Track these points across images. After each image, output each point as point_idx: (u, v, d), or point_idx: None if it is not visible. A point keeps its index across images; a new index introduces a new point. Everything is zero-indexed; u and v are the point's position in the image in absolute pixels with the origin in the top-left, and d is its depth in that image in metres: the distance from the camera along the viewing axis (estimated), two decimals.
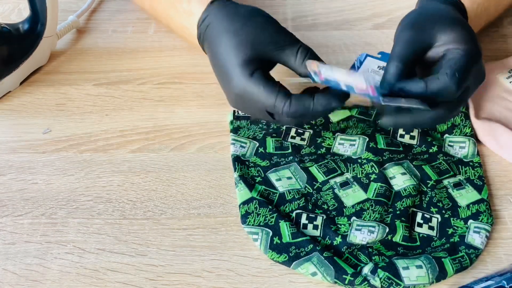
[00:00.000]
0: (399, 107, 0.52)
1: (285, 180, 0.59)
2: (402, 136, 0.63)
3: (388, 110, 0.54)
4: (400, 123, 0.55)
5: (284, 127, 0.64)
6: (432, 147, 0.62)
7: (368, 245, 0.54)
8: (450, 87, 0.52)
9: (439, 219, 0.56)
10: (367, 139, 0.62)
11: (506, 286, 0.49)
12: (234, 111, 0.65)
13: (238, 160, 0.60)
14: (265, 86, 0.54)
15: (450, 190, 0.58)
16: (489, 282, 0.50)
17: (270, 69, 0.58)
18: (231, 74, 0.56)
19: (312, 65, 0.55)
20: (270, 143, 0.63)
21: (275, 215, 0.55)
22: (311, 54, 0.56)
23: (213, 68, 0.60)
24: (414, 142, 0.63)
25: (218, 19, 0.59)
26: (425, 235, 0.55)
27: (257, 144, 0.62)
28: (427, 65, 0.56)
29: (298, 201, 0.57)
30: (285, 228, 0.54)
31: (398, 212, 0.56)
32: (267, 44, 0.56)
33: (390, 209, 0.56)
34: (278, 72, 0.59)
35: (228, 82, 0.56)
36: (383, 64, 0.57)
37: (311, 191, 0.58)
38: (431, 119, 0.54)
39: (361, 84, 0.52)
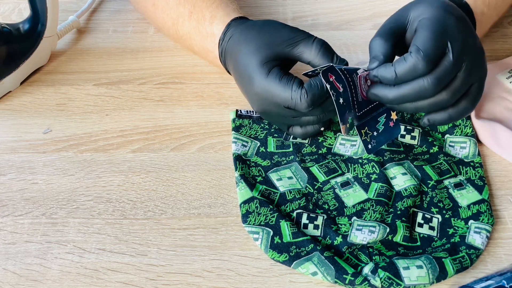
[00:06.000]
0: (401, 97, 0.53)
1: (286, 180, 0.59)
2: (403, 136, 0.63)
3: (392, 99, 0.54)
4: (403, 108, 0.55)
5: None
6: (433, 147, 0.62)
7: (368, 245, 0.54)
8: (417, 64, 0.51)
9: (440, 219, 0.56)
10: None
11: (506, 286, 0.49)
12: (237, 110, 0.65)
13: (239, 159, 0.60)
14: (281, 79, 0.56)
15: (450, 190, 0.58)
16: (489, 282, 0.50)
17: (289, 68, 0.60)
18: (251, 75, 0.58)
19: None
20: (271, 142, 0.63)
21: (275, 214, 0.55)
22: (325, 47, 0.58)
23: (236, 77, 0.62)
24: (415, 142, 0.63)
25: (238, 32, 0.61)
26: (426, 235, 0.55)
27: (259, 144, 0.62)
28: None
29: (298, 201, 0.57)
30: (285, 228, 0.55)
31: (398, 212, 0.56)
32: (283, 42, 0.58)
33: (391, 209, 0.56)
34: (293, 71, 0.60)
35: (249, 84, 0.58)
36: None
37: (312, 191, 0.58)
38: (431, 105, 0.53)
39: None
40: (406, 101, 0.54)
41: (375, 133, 0.57)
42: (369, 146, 0.56)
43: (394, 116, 0.57)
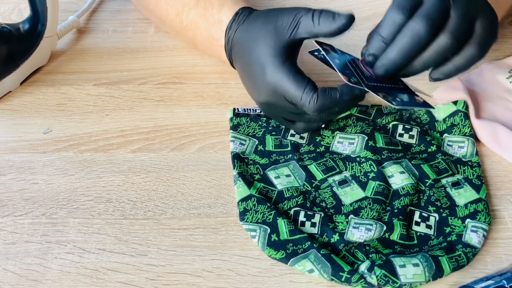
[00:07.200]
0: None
1: (283, 177, 0.59)
2: (401, 135, 0.63)
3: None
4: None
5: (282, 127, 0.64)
6: (431, 146, 0.62)
7: (365, 243, 0.54)
8: (392, 15, 0.52)
9: (437, 218, 0.56)
10: (366, 138, 0.62)
11: (506, 286, 0.49)
12: (234, 108, 0.65)
13: (237, 158, 0.61)
14: (296, 75, 0.56)
15: (448, 189, 0.58)
16: (489, 282, 0.50)
17: (296, 55, 0.59)
18: (264, 64, 0.57)
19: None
20: (270, 141, 0.63)
21: (273, 212, 0.56)
22: (325, 10, 0.56)
23: (243, 67, 0.61)
24: (413, 141, 0.63)
25: (246, 22, 0.61)
26: (423, 234, 0.55)
27: (257, 142, 0.63)
28: None
29: (296, 199, 0.57)
30: (283, 225, 0.55)
31: (396, 211, 0.56)
32: (287, 24, 0.57)
33: (388, 208, 0.56)
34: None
35: (262, 73, 0.57)
36: None
37: (310, 189, 0.58)
38: (435, 53, 0.53)
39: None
40: (409, 55, 0.53)
41: (398, 99, 0.54)
42: (394, 102, 0.53)
43: (419, 98, 0.56)
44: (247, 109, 0.65)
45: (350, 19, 0.55)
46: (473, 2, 0.54)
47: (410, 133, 0.63)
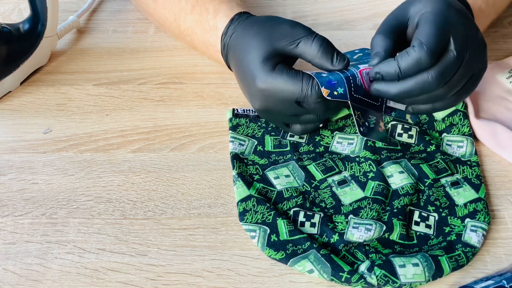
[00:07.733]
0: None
1: (283, 178, 0.59)
2: (400, 135, 0.63)
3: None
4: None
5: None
6: (430, 146, 0.62)
7: (365, 243, 0.54)
8: (420, 58, 0.51)
9: (436, 218, 0.56)
10: (365, 138, 0.62)
11: (506, 286, 0.49)
12: (233, 108, 0.65)
13: (237, 158, 0.61)
14: (289, 74, 0.56)
15: (447, 189, 0.58)
16: (489, 282, 0.50)
17: (292, 64, 0.60)
18: (254, 72, 0.57)
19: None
20: (269, 141, 0.63)
21: (272, 212, 0.56)
22: (326, 45, 0.56)
23: (237, 74, 0.61)
24: (412, 141, 0.63)
25: (241, 28, 0.61)
26: (422, 234, 0.55)
27: (256, 142, 0.63)
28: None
29: (296, 199, 0.57)
30: (282, 226, 0.55)
31: (395, 211, 0.56)
32: (283, 39, 0.57)
33: (388, 207, 0.56)
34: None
35: (253, 81, 0.57)
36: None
37: (309, 189, 0.58)
38: (428, 98, 0.54)
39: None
40: (409, 96, 0.54)
41: (366, 124, 0.56)
42: (361, 129, 0.55)
43: (381, 124, 0.57)
44: (247, 109, 0.65)
45: (346, 64, 0.56)
46: (478, 59, 0.55)
47: (409, 132, 0.63)
